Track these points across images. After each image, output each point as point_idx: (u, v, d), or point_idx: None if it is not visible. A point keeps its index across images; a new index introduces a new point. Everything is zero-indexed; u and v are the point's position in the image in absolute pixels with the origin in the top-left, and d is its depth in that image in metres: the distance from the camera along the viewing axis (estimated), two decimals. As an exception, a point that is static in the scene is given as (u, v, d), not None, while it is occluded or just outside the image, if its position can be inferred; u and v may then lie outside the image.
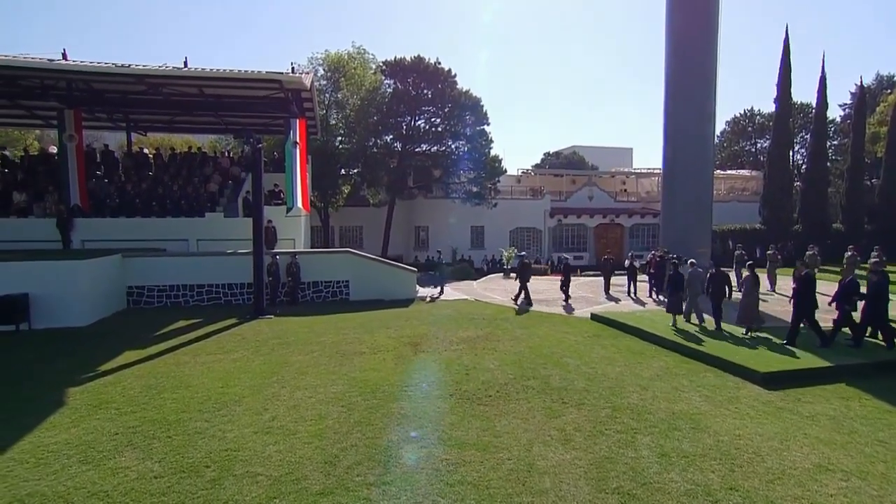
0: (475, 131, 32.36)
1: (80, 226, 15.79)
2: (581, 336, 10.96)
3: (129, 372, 8.21)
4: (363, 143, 29.62)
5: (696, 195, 16.79)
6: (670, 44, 17.86)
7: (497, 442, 5.70)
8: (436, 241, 33.05)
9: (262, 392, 7.19)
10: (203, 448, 5.43)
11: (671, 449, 5.54)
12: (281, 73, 12.90)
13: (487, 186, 32.58)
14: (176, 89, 15.18)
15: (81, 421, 6.17)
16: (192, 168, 19.24)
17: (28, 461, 5.12)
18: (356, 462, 5.16)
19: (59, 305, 11.61)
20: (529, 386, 7.61)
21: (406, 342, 10.13)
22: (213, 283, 14.38)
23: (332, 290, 15.13)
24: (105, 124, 20.25)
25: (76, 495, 4.50)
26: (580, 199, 38.06)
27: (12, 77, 13.41)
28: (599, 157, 54.29)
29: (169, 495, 4.54)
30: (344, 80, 28.76)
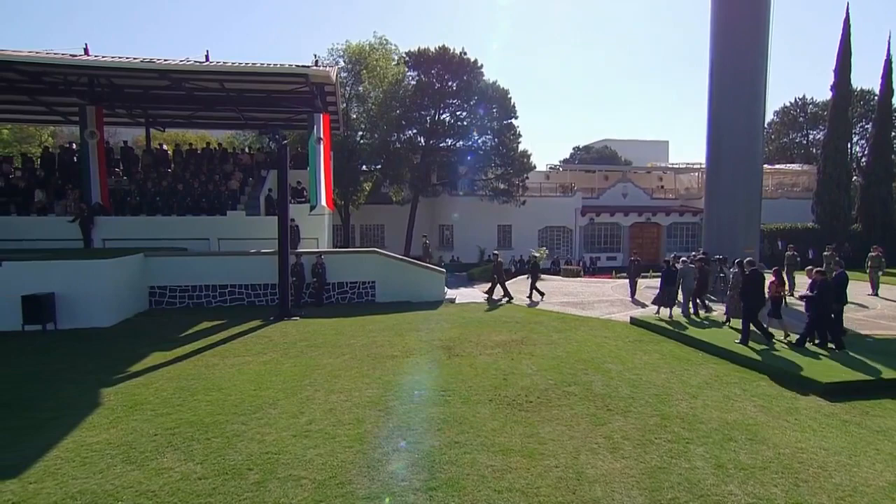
0: (502, 125, 32.42)
1: (101, 224, 16.39)
2: (621, 341, 10.96)
3: (160, 373, 8.55)
4: (385, 138, 29.92)
5: (744, 190, 16.44)
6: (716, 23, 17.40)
7: (542, 449, 5.80)
8: (461, 241, 33.21)
9: (296, 395, 7.42)
10: (243, 451, 5.66)
11: (727, 460, 5.55)
12: (307, 67, 13.23)
13: (515, 183, 32.58)
14: (197, 84, 15.67)
15: (119, 422, 6.48)
16: (212, 165, 19.77)
17: (74, 460, 5.42)
18: (400, 467, 5.32)
19: (83, 305, 12.11)
20: (571, 392, 7.68)
21: (438, 345, 10.29)
22: (235, 284, 14.78)
23: (358, 292, 15.41)
24: (124, 120, 20.94)
25: (125, 494, 4.76)
26: (614, 196, 37.73)
27: (37, 73, 14.05)
28: (633, 151, 53.66)
29: (215, 496, 4.76)
30: (366, 73, 29.10)
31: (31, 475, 5.08)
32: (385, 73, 29.33)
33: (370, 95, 30.38)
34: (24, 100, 18.50)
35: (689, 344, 10.63)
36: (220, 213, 17.26)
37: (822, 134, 42.13)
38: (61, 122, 22.87)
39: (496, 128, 32.21)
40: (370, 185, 32.03)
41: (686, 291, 12.88)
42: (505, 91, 32.32)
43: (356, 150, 30.53)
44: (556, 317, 13.73)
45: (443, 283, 16.18)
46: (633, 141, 57.48)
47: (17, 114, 21.44)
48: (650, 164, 45.48)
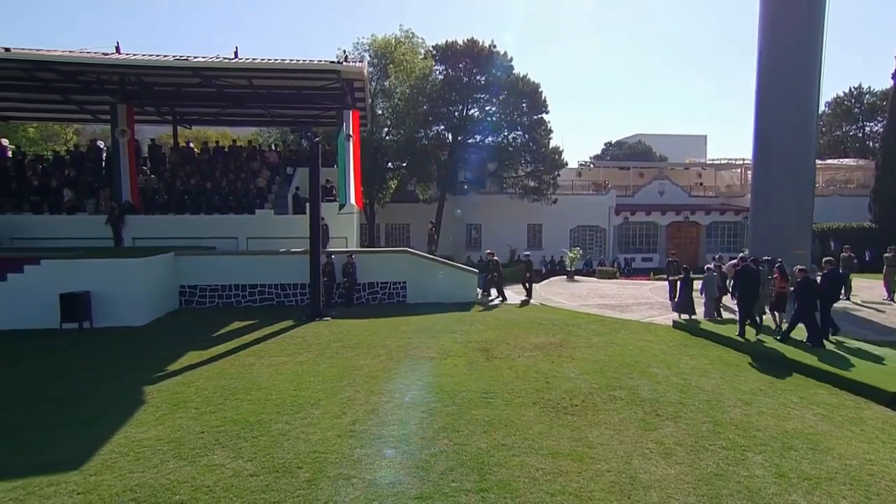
0: (532, 120, 32.45)
1: (131, 223, 16.99)
2: (665, 345, 10.93)
3: (199, 372, 8.89)
4: (412, 135, 30.22)
5: (795, 187, 15.96)
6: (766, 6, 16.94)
7: (592, 453, 5.89)
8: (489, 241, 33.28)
9: (336, 396, 7.65)
10: (290, 449, 5.89)
11: (789, 469, 5.54)
12: (339, 63, 13.53)
13: (546, 181, 32.53)
14: (227, 81, 16.14)
15: (165, 419, 6.79)
16: (239, 163, 20.30)
17: (128, 454, 5.73)
18: (449, 468, 5.48)
19: (118, 304, 12.61)
20: (617, 396, 7.73)
21: (475, 348, 10.43)
22: (265, 284, 15.17)
23: (389, 292, 15.65)
24: (152, 118, 21.65)
25: (181, 489, 5.02)
26: (649, 194, 37.38)
27: (73, 73, 14.68)
28: (668, 146, 52.92)
29: (268, 493, 4.99)
30: (392, 67, 29.43)
31: (90, 468, 5.40)
32: (412, 68, 29.60)
33: (396, 90, 30.74)
34: (56, 98, 19.30)
35: (737, 349, 10.54)
36: (249, 212, 17.71)
37: (880, 126, 40.88)
38: (90, 121, 23.75)
39: (526, 123, 32.26)
40: (396, 182, 32.35)
41: (709, 298, 13.04)
42: (535, 85, 32.31)
43: (382, 146, 30.91)
44: (594, 319, 13.73)
45: (475, 283, 16.33)
46: (669, 135, 56.66)
47: (48, 112, 22.41)
48: (688, 159, 44.87)
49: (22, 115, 23.04)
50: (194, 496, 4.91)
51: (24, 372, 8.81)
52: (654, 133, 56.88)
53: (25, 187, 17.98)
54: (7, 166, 19.40)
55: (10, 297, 12.08)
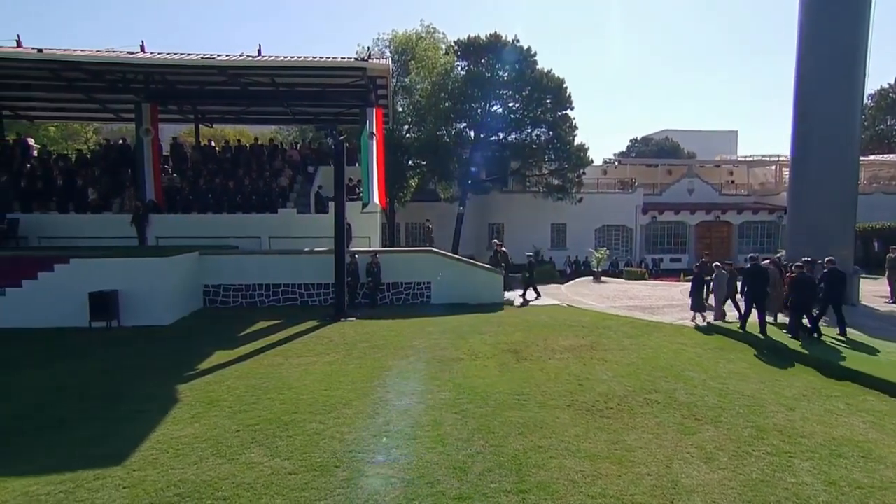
0: (557, 116, 32.38)
1: (154, 222, 17.40)
2: (700, 348, 10.89)
3: (229, 371, 9.13)
4: (433, 132, 30.36)
5: (837, 184, 15.39)
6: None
7: (631, 456, 5.93)
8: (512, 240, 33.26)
9: (368, 396, 7.80)
10: (327, 448, 6.05)
11: (839, 478, 5.52)
12: (365, 60, 13.72)
13: (571, 179, 32.42)
14: (250, 79, 16.46)
15: (201, 417, 7.01)
16: (261, 161, 20.65)
17: (167, 451, 5.94)
18: (487, 469, 5.58)
19: (144, 303, 12.96)
20: (653, 400, 7.75)
21: (505, 349, 10.51)
22: (289, 283, 15.44)
23: (413, 293, 15.80)
24: (175, 116, 22.15)
25: (223, 486, 5.21)
26: (678, 192, 37.02)
27: (100, 72, 15.13)
28: (697, 142, 52.29)
29: (308, 491, 5.15)
30: (414, 63, 29.60)
31: (132, 464, 5.62)
32: (434, 64, 29.74)
33: (417, 87, 30.91)
34: (80, 98, 19.87)
35: (777, 353, 10.44)
36: (271, 211, 18.01)
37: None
38: (113, 120, 24.39)
39: (550, 120, 32.19)
40: (417, 181, 32.53)
41: (719, 298, 13.30)
42: (560, 80, 32.21)
43: (402, 144, 31.11)
44: (624, 322, 13.70)
45: (501, 284, 16.38)
46: (698, 131, 55.95)
47: (72, 112, 23.10)
48: (719, 156, 44.30)
49: (46, 114, 23.72)
50: (236, 493, 5.08)
51: (62, 370, 9.14)
52: (682, 129, 56.14)
53: (52, 186, 18.52)
54: (34, 166, 20.02)
55: (41, 295, 12.50)
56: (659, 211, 35.65)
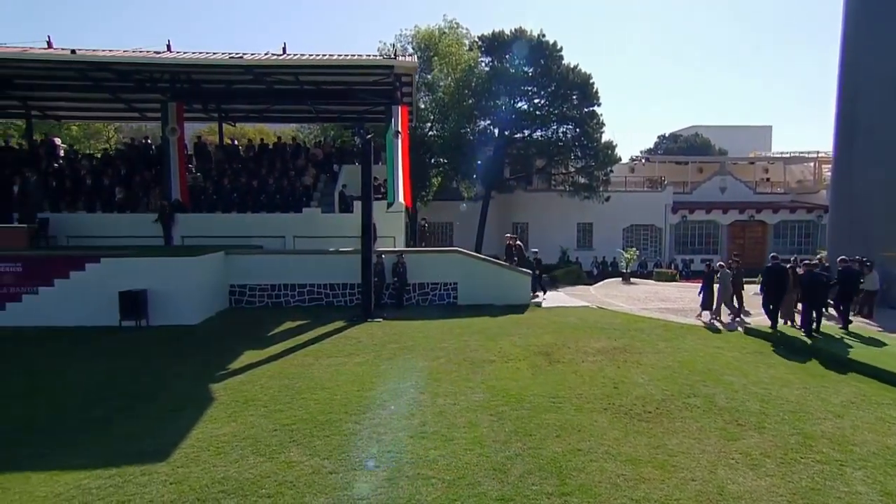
0: (583, 113, 32.23)
1: (179, 221, 17.81)
2: (739, 352, 10.84)
3: (260, 371, 9.37)
4: (456, 130, 30.46)
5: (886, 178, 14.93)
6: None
7: (673, 461, 5.97)
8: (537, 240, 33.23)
9: (401, 397, 7.95)
10: (364, 449, 6.21)
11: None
12: (394, 58, 13.89)
13: (598, 177, 32.26)
14: (275, 78, 16.75)
15: (237, 416, 7.23)
16: (284, 160, 20.98)
17: (208, 449, 6.16)
18: (527, 471, 5.67)
19: (173, 302, 13.29)
20: (692, 404, 7.76)
21: (536, 351, 10.58)
22: (314, 283, 15.68)
23: (440, 293, 15.93)
24: (199, 115, 22.62)
25: (265, 483, 5.40)
26: (710, 190, 36.58)
27: (128, 72, 15.56)
28: (729, 138, 51.25)
29: (349, 490, 5.31)
30: (437, 59, 29.73)
31: (175, 460, 5.85)
32: (458, 60, 29.82)
33: (440, 84, 31.02)
34: (106, 97, 20.38)
35: (819, 359, 10.33)
36: (296, 210, 18.30)
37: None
38: (138, 119, 25.00)
39: (577, 116, 32.05)
40: (439, 180, 32.65)
41: (725, 297, 14.04)
42: (587, 76, 32.05)
43: (425, 142, 31.26)
44: (657, 324, 13.66)
45: (529, 285, 16.40)
46: (729, 127, 54.85)
47: (97, 111, 23.73)
48: (752, 153, 43.52)
49: (73, 114, 24.42)
50: (279, 490, 5.26)
51: (98, 369, 9.46)
52: (713, 125, 55.22)
53: (80, 186, 19.08)
54: (61, 165, 20.66)
55: (73, 294, 12.92)
56: (689, 210, 35.26)
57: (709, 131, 53.11)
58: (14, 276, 14.06)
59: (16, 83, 16.83)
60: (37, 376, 9.04)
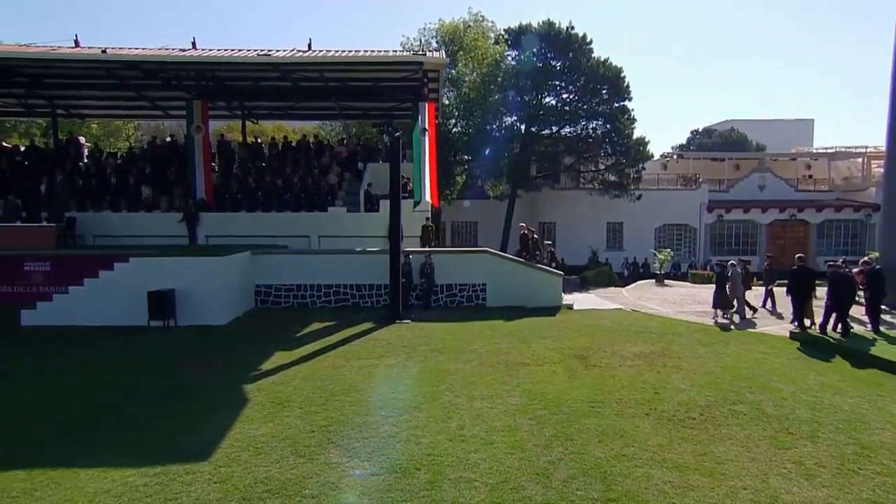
0: (614, 108, 32.07)
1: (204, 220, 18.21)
2: (785, 358, 10.74)
3: (292, 372, 9.58)
4: (482, 126, 30.55)
5: None
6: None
7: (722, 469, 5.98)
8: (565, 240, 33.14)
9: (437, 400, 8.07)
10: (404, 451, 6.34)
11: (965, 502, 5.42)
12: (423, 54, 14.04)
13: (629, 174, 32.05)
14: (301, 75, 17.04)
15: (273, 417, 7.43)
16: (308, 158, 21.32)
17: (248, 449, 6.36)
18: (570, 476, 5.74)
19: (200, 302, 13.61)
20: (738, 411, 7.73)
21: (570, 355, 10.62)
22: (340, 284, 15.92)
23: (468, 295, 16.04)
24: (222, 113, 23.11)
25: (308, 484, 5.56)
26: (748, 188, 36.02)
27: (155, 71, 16.00)
28: (766, 133, 50.22)
29: (392, 492, 5.43)
30: (462, 54, 29.84)
31: (217, 460, 6.05)
32: (483, 54, 29.90)
33: (465, 79, 31.12)
34: (131, 95, 20.94)
35: (874, 365, 10.18)
36: (321, 210, 18.61)
37: None
38: (161, 117, 25.70)
39: (607, 112, 31.91)
40: (463, 178, 32.76)
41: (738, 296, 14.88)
42: (617, 69, 31.89)
43: (449, 139, 31.39)
44: (695, 328, 13.59)
45: (560, 287, 16.42)
46: (768, 121, 53.80)
47: (121, 109, 24.41)
48: (794, 148, 42.67)
49: (98, 112, 25.15)
50: (322, 491, 5.42)
51: (130, 368, 9.79)
52: (749, 119, 54.25)
53: (105, 185, 19.65)
54: (87, 164, 21.30)
55: (102, 294, 13.33)
56: (726, 209, 34.76)
57: (745, 125, 52.24)
58: (44, 276, 14.62)
59: (45, 82, 17.41)
60: (72, 375, 9.38)
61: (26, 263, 14.86)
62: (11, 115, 25.91)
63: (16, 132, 33.03)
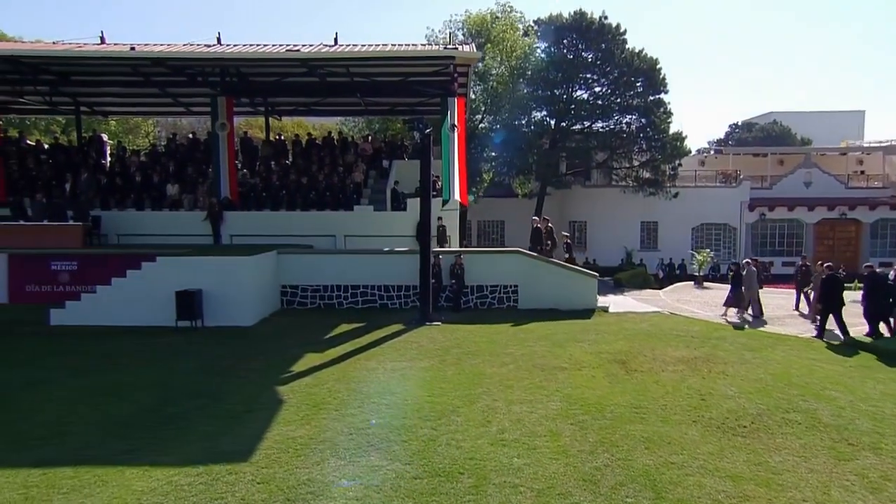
0: (649, 102, 31.79)
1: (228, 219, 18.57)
2: (840, 365, 10.64)
3: (325, 374, 9.79)
4: (510, 122, 30.58)
5: None
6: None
7: (779, 479, 5.98)
8: (597, 240, 33.00)
9: (475, 403, 8.19)
10: (445, 455, 6.46)
11: None
12: (455, 48, 14.16)
13: (665, 171, 31.77)
14: (327, 70, 17.31)
15: (310, 419, 7.61)
16: (333, 156, 21.60)
17: (288, 451, 6.54)
18: (619, 483, 5.80)
19: (227, 303, 13.93)
20: (792, 420, 7.69)
21: (610, 359, 10.64)
22: (367, 285, 16.13)
23: (499, 296, 16.13)
24: (246, 110, 23.56)
25: (351, 486, 5.71)
26: (793, 185, 35.37)
27: (181, 67, 16.42)
28: (812, 126, 49.07)
29: (437, 496, 5.56)
30: (489, 46, 29.91)
31: (258, 461, 6.25)
32: (512, 46, 29.92)
33: (492, 72, 31.18)
34: (154, 92, 21.46)
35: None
36: (346, 208, 18.84)
37: None
38: (183, 114, 26.32)
39: (642, 105, 31.64)
40: (490, 175, 32.81)
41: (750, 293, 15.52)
42: (653, 60, 31.60)
43: (475, 135, 31.48)
44: (740, 332, 13.54)
45: (595, 288, 16.42)
46: (813, 113, 52.68)
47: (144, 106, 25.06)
48: (844, 142, 41.66)
49: (120, 110, 25.85)
50: (366, 493, 5.57)
51: (163, 369, 10.09)
52: (793, 111, 53.18)
53: (130, 183, 20.18)
54: (111, 162, 21.91)
55: (130, 293, 13.71)
56: (769, 207, 34.18)
57: (788, 118, 51.19)
58: (72, 275, 15.11)
59: (71, 80, 17.98)
60: (109, 374, 9.71)
61: (53, 262, 15.40)
62: (37, 113, 26.73)
63: (36, 129, 34.09)
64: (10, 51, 16.35)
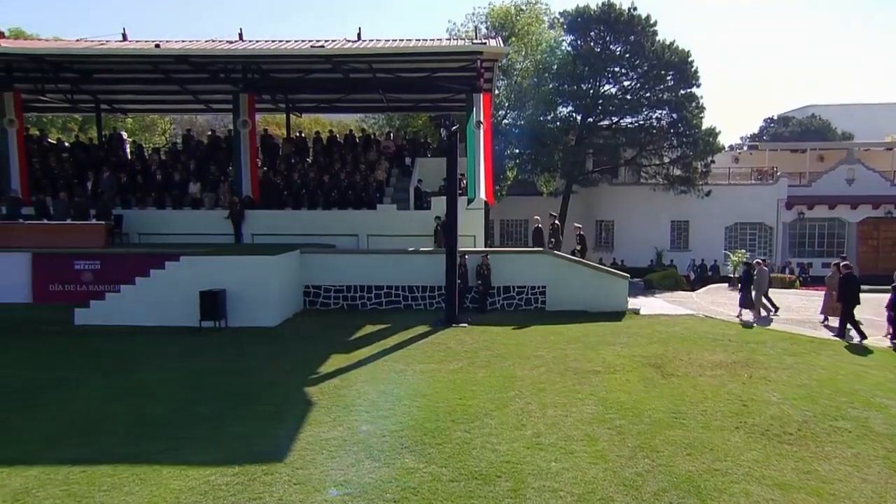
0: (680, 96, 31.48)
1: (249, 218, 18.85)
2: (890, 372, 10.53)
3: (353, 376, 9.94)
4: (535, 117, 30.54)
5: None
6: None
7: (830, 489, 5.96)
8: (624, 240, 32.80)
9: (507, 406, 8.27)
10: (481, 458, 6.54)
11: None
12: (483, 43, 14.24)
13: (697, 168, 31.46)
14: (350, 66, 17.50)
15: (341, 420, 7.76)
16: (356, 154, 21.80)
17: (322, 452, 6.69)
18: (661, 489, 5.84)
19: (251, 303, 14.16)
20: (841, 428, 7.64)
21: (644, 363, 10.64)
22: (392, 285, 16.27)
23: (526, 297, 16.16)
24: (267, 106, 23.91)
25: (388, 488, 5.83)
26: (834, 182, 34.74)
27: (203, 64, 16.72)
28: (854, 119, 47.97)
29: (475, 499, 5.65)
30: (514, 40, 29.91)
31: (292, 462, 6.41)
32: (537, 40, 29.89)
33: (517, 67, 31.16)
34: (174, 89, 21.87)
35: None
36: (369, 207, 19.01)
37: None
38: (203, 111, 26.73)
39: (673, 100, 31.35)
40: (514, 173, 32.79)
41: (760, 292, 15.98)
42: (685, 53, 31.29)
43: (499, 131, 31.48)
44: (780, 336, 13.37)
45: (626, 290, 16.37)
46: (855, 105, 51.61)
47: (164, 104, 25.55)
48: (889, 136, 40.78)
49: (140, 107, 26.39)
50: (404, 496, 5.68)
51: (190, 369, 10.34)
52: (833, 104, 52.17)
53: (151, 181, 20.58)
54: (132, 160, 22.37)
55: (154, 293, 14.01)
56: (808, 206, 33.67)
57: (828, 111, 50.23)
58: (96, 274, 15.48)
59: (93, 77, 18.41)
60: (139, 374, 10.00)
61: (76, 262, 15.75)
62: (57, 111, 27.37)
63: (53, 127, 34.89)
64: (34, 49, 16.82)
